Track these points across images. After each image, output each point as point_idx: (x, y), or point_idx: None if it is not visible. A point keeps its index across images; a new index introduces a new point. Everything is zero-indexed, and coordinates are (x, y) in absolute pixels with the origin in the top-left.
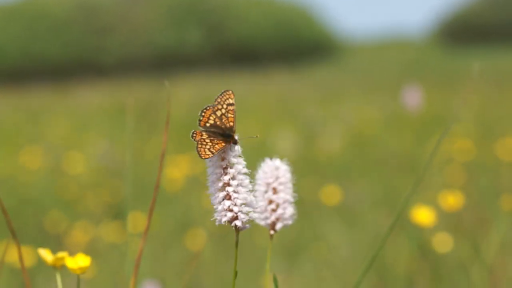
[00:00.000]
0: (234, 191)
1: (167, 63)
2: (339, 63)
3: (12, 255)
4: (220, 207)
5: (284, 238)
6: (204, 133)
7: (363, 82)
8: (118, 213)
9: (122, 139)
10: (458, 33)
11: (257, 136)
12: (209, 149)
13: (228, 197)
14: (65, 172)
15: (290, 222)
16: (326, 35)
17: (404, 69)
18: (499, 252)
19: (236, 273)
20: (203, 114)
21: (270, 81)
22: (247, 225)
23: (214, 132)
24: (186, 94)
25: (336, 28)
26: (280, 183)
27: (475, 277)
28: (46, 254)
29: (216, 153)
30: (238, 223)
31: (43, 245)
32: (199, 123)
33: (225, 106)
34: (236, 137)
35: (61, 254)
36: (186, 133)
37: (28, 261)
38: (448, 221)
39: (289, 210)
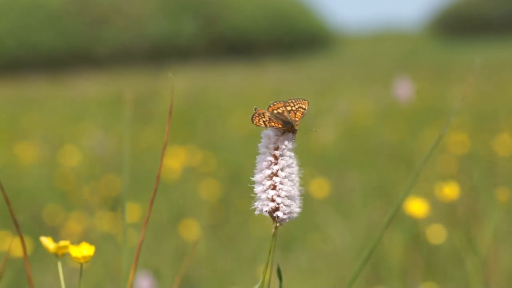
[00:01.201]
0: (281, 182)
1: (161, 54)
2: (334, 55)
3: (6, 245)
4: (263, 196)
5: (278, 229)
6: (267, 114)
7: (357, 74)
8: (113, 204)
9: (117, 129)
10: (453, 25)
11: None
12: (264, 121)
13: (273, 187)
14: (60, 162)
15: (295, 215)
16: (320, 27)
17: (399, 61)
18: (493, 243)
19: (267, 264)
20: (274, 103)
21: (265, 72)
22: (286, 218)
23: (277, 118)
24: (181, 85)
25: (331, 20)
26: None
27: (468, 268)
28: (48, 242)
29: (267, 126)
30: (280, 214)
31: (38, 235)
32: (268, 109)
33: (296, 106)
34: (296, 128)
35: (63, 242)
36: (180, 123)
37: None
38: (442, 212)
39: (297, 202)
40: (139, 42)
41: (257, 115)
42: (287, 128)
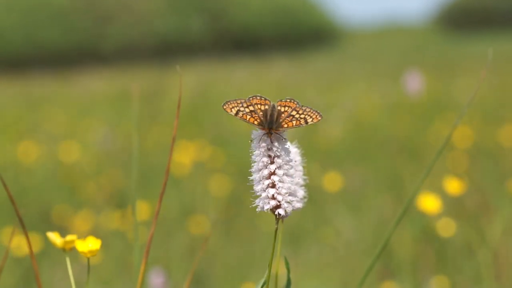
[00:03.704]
0: (280, 180)
1: (168, 50)
2: (340, 50)
3: (14, 243)
4: (264, 195)
5: (288, 223)
6: (251, 107)
7: (364, 69)
8: (120, 200)
9: (124, 125)
10: (458, 19)
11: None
12: (237, 111)
13: (272, 185)
14: (67, 159)
15: (300, 205)
16: (326, 21)
17: (405, 56)
18: (503, 236)
19: (272, 258)
20: (286, 100)
21: (271, 68)
22: (288, 213)
23: (259, 114)
24: (188, 81)
25: (336, 15)
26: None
27: (479, 261)
28: (55, 237)
29: (238, 118)
30: (281, 211)
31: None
32: (277, 102)
33: (303, 116)
34: (275, 131)
35: (70, 237)
36: (188, 119)
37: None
38: (452, 206)
39: (300, 193)
40: (145, 39)
41: (235, 103)
42: (261, 127)
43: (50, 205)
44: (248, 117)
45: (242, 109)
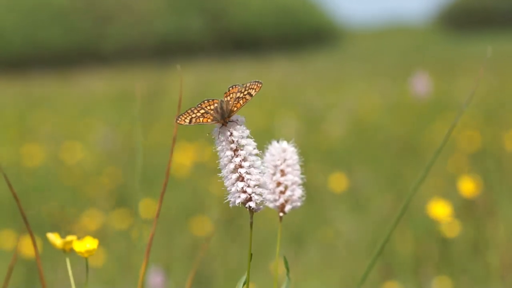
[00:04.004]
0: (247, 173)
1: (168, 50)
2: (340, 50)
3: (17, 244)
4: (233, 189)
5: (289, 223)
6: (202, 110)
7: (364, 69)
8: (122, 200)
9: (124, 125)
10: (459, 19)
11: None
12: (190, 119)
13: (241, 178)
14: (68, 159)
15: (299, 204)
16: (327, 22)
17: (405, 56)
18: (506, 238)
19: (251, 255)
20: (228, 90)
21: (271, 68)
22: (261, 206)
23: (213, 111)
24: (188, 81)
25: (337, 15)
26: (288, 165)
27: (481, 262)
28: (55, 238)
29: (193, 124)
30: (252, 204)
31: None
32: (224, 94)
33: (246, 92)
34: (228, 119)
35: (69, 237)
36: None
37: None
38: (454, 207)
39: (298, 192)
40: (145, 39)
41: (186, 114)
42: (216, 122)
43: (51, 205)
44: (201, 119)
45: (193, 115)
